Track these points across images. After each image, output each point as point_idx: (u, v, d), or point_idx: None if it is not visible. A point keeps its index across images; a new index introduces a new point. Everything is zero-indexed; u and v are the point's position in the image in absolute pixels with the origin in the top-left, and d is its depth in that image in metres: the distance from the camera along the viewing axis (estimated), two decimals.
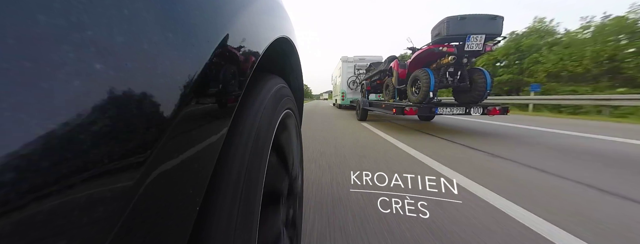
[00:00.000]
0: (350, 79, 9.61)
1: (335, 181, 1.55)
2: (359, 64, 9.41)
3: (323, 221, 1.05)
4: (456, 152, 2.39)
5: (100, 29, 0.15)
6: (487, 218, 1.08)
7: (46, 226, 0.12)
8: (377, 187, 0.98)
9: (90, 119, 0.14)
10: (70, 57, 0.13)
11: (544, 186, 1.49)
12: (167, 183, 0.19)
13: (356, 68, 9.32)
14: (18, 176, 0.11)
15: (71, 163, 0.13)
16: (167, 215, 0.20)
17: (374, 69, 6.41)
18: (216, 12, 0.27)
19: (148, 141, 0.17)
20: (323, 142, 2.84)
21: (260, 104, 0.41)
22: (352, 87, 9.54)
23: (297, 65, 0.83)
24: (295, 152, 0.73)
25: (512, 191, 1.38)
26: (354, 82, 9.47)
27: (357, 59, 9.75)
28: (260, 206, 0.35)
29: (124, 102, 0.16)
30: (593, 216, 1.10)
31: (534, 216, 1.09)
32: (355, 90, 9.38)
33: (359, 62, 9.57)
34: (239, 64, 0.31)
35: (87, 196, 0.13)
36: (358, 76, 9.13)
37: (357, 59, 9.79)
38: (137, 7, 0.17)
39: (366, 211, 1.13)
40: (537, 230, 0.98)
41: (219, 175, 0.29)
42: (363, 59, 9.59)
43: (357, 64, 9.46)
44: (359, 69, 9.13)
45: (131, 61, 0.16)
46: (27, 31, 0.12)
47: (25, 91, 0.11)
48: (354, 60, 9.79)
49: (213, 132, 0.25)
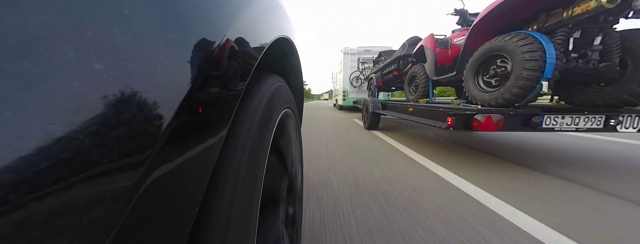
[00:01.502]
0: (353, 74, 7.80)
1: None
2: (364, 56, 7.66)
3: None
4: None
5: (100, 29, 0.15)
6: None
7: (46, 226, 0.12)
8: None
9: (90, 119, 0.14)
10: (70, 57, 0.13)
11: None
12: (167, 183, 0.19)
13: (361, 61, 7.58)
14: (18, 176, 0.11)
15: (71, 163, 0.13)
16: (166, 215, 0.20)
17: (384, 59, 4.90)
18: (216, 12, 0.27)
19: (148, 140, 0.17)
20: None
21: (259, 103, 0.42)
22: (356, 84, 7.77)
23: (297, 65, 0.83)
24: (295, 151, 0.73)
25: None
26: (358, 79, 7.66)
27: (362, 51, 7.86)
28: (260, 205, 0.35)
29: (123, 102, 0.16)
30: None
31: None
32: (359, 88, 7.69)
33: (364, 54, 7.76)
34: (239, 64, 0.31)
35: (87, 196, 0.13)
36: (363, 71, 7.35)
37: (362, 50, 7.88)
38: (137, 7, 0.17)
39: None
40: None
41: (218, 175, 0.29)
42: (369, 50, 7.74)
43: (361, 57, 7.72)
44: (364, 62, 7.43)
45: (131, 61, 0.16)
46: (27, 31, 0.12)
47: (25, 91, 0.11)
48: (358, 52, 7.90)
49: (213, 131, 0.25)
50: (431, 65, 2.78)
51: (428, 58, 2.85)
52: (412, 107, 2.59)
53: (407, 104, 2.80)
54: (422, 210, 1.12)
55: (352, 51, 7.96)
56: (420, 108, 2.37)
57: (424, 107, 2.31)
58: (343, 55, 8.06)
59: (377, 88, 4.91)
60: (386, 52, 5.10)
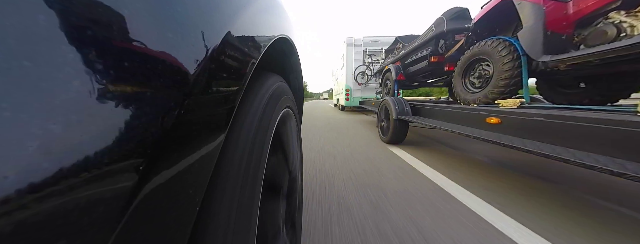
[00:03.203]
0: (359, 70, 6.56)
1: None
2: (371, 48, 6.48)
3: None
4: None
5: (100, 29, 0.15)
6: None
7: (46, 226, 0.12)
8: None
9: (90, 119, 0.14)
10: (70, 57, 0.13)
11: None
12: (168, 183, 0.19)
13: (367, 54, 6.35)
14: (18, 176, 0.11)
15: (71, 163, 0.13)
16: (167, 215, 0.20)
17: (402, 46, 3.62)
18: (216, 12, 0.27)
19: (148, 141, 0.17)
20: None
21: (259, 103, 0.42)
22: (361, 81, 6.59)
23: (297, 64, 0.83)
24: (295, 151, 0.73)
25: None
26: (364, 74, 6.49)
27: (368, 42, 6.64)
28: (260, 205, 0.35)
29: (123, 102, 0.16)
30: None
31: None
32: (365, 85, 6.55)
33: (371, 45, 6.59)
34: (239, 64, 0.31)
35: (88, 196, 0.13)
36: (370, 65, 6.25)
37: (368, 41, 6.64)
38: (137, 7, 0.17)
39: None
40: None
41: (219, 175, 0.29)
42: (376, 41, 6.58)
43: (368, 49, 6.51)
44: (372, 55, 6.22)
45: (131, 61, 0.16)
46: (27, 31, 0.12)
47: (25, 91, 0.11)
48: (363, 43, 6.66)
49: (213, 132, 0.25)
50: (536, 32, 1.44)
51: (527, 20, 1.50)
52: (495, 116, 1.33)
53: (479, 110, 1.49)
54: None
55: (357, 42, 6.68)
56: (525, 119, 1.15)
57: (544, 117, 1.07)
58: (346, 47, 6.79)
59: (396, 83, 3.43)
60: (405, 38, 3.72)
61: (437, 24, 2.64)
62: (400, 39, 3.85)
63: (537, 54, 1.44)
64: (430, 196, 1.32)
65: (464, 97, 1.98)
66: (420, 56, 2.95)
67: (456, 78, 2.08)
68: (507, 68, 1.57)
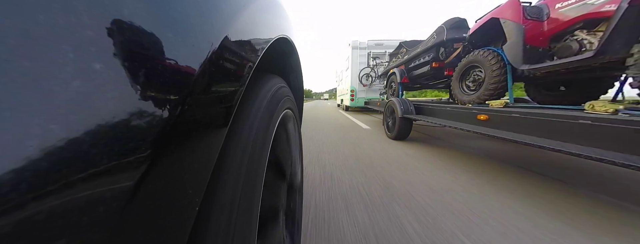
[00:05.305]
0: (363, 71, 6.92)
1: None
2: (376, 51, 6.81)
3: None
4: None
5: (100, 29, 0.15)
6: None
7: (46, 226, 0.12)
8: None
9: (90, 119, 0.14)
10: (70, 57, 0.13)
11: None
12: (167, 183, 0.19)
13: (371, 57, 6.74)
14: (18, 176, 0.11)
15: (71, 163, 0.13)
16: (167, 215, 0.20)
17: (405, 51, 3.99)
18: (216, 12, 0.27)
19: (148, 141, 0.17)
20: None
21: (260, 104, 0.42)
22: (366, 82, 6.90)
23: (297, 65, 0.83)
24: (295, 151, 0.73)
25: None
26: (368, 76, 6.83)
27: (373, 45, 6.96)
28: (260, 206, 0.35)
29: (123, 102, 0.16)
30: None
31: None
32: (369, 87, 6.89)
33: (376, 48, 6.89)
34: (239, 64, 0.31)
35: (87, 196, 0.13)
36: (374, 67, 6.64)
37: (373, 44, 6.96)
38: (137, 7, 0.17)
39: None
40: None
41: (219, 175, 0.29)
42: (380, 44, 6.89)
43: (372, 52, 6.84)
44: (376, 57, 6.62)
45: (131, 61, 0.16)
46: (27, 31, 0.12)
47: (25, 91, 0.11)
48: (368, 46, 6.98)
49: (213, 132, 0.25)
50: (517, 46, 1.74)
51: (510, 36, 1.80)
52: (484, 114, 1.63)
53: (472, 109, 1.79)
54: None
55: (362, 45, 6.98)
56: (506, 115, 1.44)
57: (520, 114, 1.35)
58: (351, 50, 7.05)
59: (401, 85, 3.82)
60: (408, 43, 4.04)
61: (438, 33, 2.97)
62: (404, 44, 4.16)
63: (518, 63, 1.76)
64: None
65: (461, 98, 2.28)
66: (423, 61, 3.28)
67: (454, 82, 2.39)
68: (496, 75, 1.87)
